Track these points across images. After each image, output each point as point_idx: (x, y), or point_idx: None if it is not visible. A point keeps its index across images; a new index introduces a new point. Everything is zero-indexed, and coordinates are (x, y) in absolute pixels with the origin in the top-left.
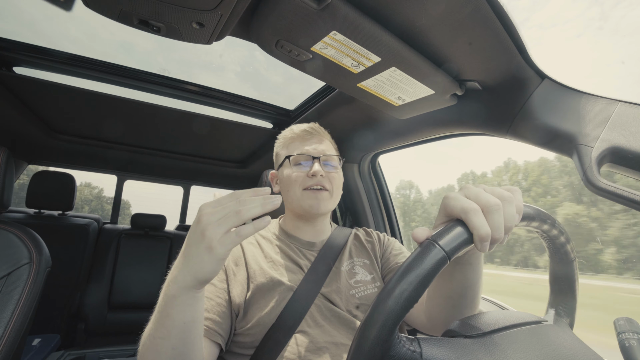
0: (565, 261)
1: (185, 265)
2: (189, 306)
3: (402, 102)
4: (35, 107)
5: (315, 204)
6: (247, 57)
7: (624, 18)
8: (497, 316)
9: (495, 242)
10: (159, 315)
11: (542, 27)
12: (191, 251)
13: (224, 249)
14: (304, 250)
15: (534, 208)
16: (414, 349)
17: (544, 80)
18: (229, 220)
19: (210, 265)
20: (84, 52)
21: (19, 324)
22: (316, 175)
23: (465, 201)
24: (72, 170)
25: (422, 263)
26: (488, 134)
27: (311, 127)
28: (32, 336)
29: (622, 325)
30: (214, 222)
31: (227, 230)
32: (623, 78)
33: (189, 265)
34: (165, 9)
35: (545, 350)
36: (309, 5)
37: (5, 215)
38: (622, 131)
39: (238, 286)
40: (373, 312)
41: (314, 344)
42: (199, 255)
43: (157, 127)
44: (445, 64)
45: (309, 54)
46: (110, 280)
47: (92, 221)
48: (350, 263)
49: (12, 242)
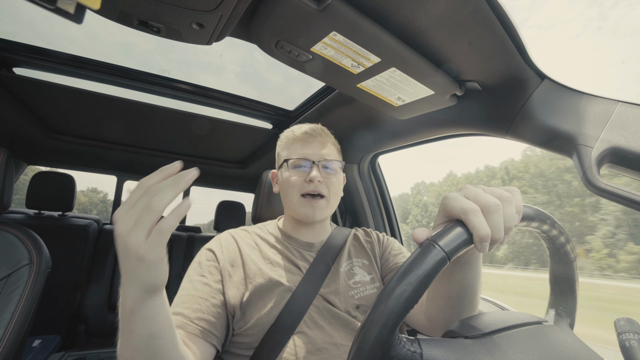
0: (565, 261)
1: (129, 281)
2: (150, 318)
3: (401, 102)
4: (35, 107)
5: (311, 213)
6: (247, 58)
7: (623, 18)
8: (497, 317)
9: (495, 243)
10: (123, 333)
11: (541, 28)
12: (126, 266)
13: (154, 253)
14: (302, 251)
15: (533, 208)
16: (414, 349)
17: (544, 80)
18: (144, 219)
19: (151, 273)
20: (83, 53)
21: (19, 325)
22: (313, 182)
23: (465, 201)
24: (73, 171)
25: (422, 264)
26: (488, 135)
27: (313, 129)
28: (32, 337)
29: (623, 326)
30: (131, 228)
31: (147, 232)
32: (622, 78)
33: (131, 279)
34: (165, 10)
35: (546, 351)
36: (309, 6)
37: (5, 216)
38: (621, 131)
39: (233, 287)
40: (373, 312)
41: (313, 345)
42: (135, 268)
43: (156, 128)
44: (445, 64)
45: (308, 55)
46: (110, 281)
47: (92, 222)
48: (349, 264)
49: (12, 243)
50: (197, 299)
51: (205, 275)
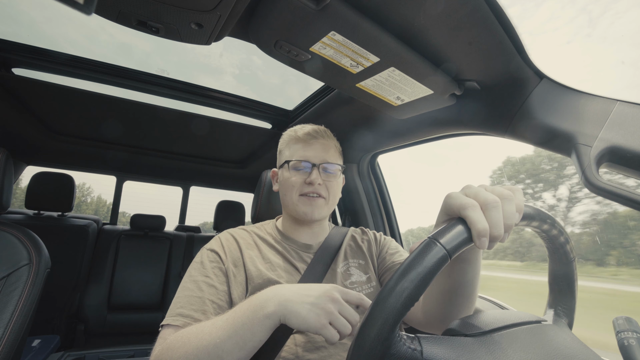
0: (564, 261)
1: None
2: (271, 329)
3: (401, 102)
4: (34, 108)
5: (310, 211)
6: (245, 60)
7: (611, 25)
8: (497, 315)
9: (494, 240)
10: (243, 327)
11: (532, 34)
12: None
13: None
14: (300, 252)
15: (534, 208)
16: (414, 347)
17: (543, 80)
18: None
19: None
20: (82, 54)
21: (19, 325)
22: (313, 184)
23: (464, 198)
24: (73, 172)
25: (423, 261)
26: (487, 134)
27: (316, 130)
28: (31, 337)
29: (621, 325)
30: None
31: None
32: (614, 82)
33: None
34: (164, 10)
35: (545, 350)
36: (308, 6)
37: (4, 216)
38: (620, 130)
39: (239, 287)
40: (374, 310)
41: (312, 344)
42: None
43: (156, 128)
44: (444, 64)
45: (307, 55)
46: (109, 281)
47: (91, 222)
48: (346, 264)
49: (12, 244)
50: (204, 300)
51: (210, 276)
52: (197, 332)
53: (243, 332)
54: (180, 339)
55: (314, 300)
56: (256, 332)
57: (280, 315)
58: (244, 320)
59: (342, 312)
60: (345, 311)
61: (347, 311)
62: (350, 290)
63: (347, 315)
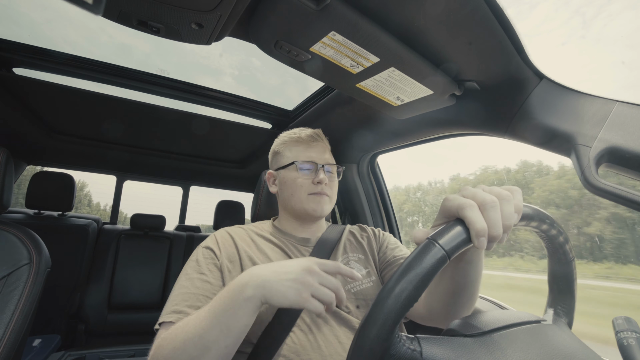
0: (564, 261)
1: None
2: (255, 311)
3: (400, 102)
4: (34, 107)
5: (319, 208)
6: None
7: (605, 27)
8: (496, 315)
9: (493, 240)
10: (225, 314)
11: (527, 36)
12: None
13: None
14: (298, 246)
15: (533, 208)
16: (414, 347)
17: (542, 80)
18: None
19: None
20: (83, 54)
21: (19, 325)
22: (322, 183)
23: (462, 199)
24: (73, 172)
25: (422, 262)
26: (487, 134)
27: (316, 133)
28: (32, 337)
29: (621, 325)
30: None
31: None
32: (611, 83)
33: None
34: (164, 10)
35: (544, 350)
36: (308, 6)
37: (4, 215)
38: (620, 131)
39: None
40: (373, 310)
41: (312, 342)
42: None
43: (156, 128)
44: (444, 64)
45: (307, 55)
46: (110, 280)
47: (91, 222)
48: (345, 258)
49: (12, 243)
50: (198, 296)
51: (205, 272)
52: (183, 326)
53: (226, 319)
54: (169, 335)
55: (292, 276)
56: (239, 317)
57: (260, 297)
58: (224, 307)
59: (322, 282)
60: (325, 281)
61: (327, 280)
62: (327, 260)
63: (328, 284)
